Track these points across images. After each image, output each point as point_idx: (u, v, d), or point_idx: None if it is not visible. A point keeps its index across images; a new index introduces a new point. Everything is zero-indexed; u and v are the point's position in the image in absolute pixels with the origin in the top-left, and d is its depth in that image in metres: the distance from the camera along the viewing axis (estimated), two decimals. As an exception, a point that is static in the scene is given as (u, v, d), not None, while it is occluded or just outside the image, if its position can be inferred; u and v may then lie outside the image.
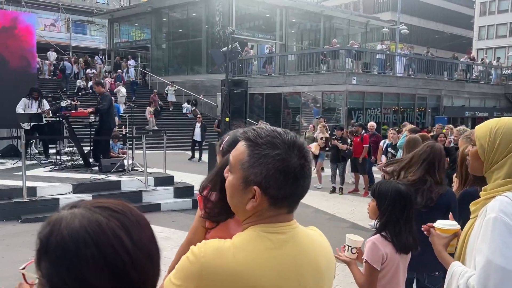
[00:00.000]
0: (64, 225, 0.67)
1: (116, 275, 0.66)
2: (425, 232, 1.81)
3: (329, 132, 11.17)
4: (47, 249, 0.68)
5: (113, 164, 9.34)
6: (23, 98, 10.72)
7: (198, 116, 17.11)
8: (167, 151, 10.26)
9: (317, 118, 16.58)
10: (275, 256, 1.02)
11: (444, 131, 8.72)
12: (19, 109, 10.60)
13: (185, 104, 22.19)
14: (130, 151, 10.49)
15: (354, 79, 17.82)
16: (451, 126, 9.39)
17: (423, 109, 21.15)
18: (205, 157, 13.68)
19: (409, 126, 8.13)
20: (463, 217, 1.92)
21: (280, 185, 1.01)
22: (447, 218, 1.89)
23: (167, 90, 22.60)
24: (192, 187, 8.92)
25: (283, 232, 1.05)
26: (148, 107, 18.85)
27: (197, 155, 14.66)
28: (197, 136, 14.59)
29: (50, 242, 0.67)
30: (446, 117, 20.69)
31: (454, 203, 2.55)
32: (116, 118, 16.16)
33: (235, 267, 0.98)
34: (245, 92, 8.78)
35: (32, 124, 10.38)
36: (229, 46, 15.95)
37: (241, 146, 1.07)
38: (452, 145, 7.30)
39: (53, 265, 0.66)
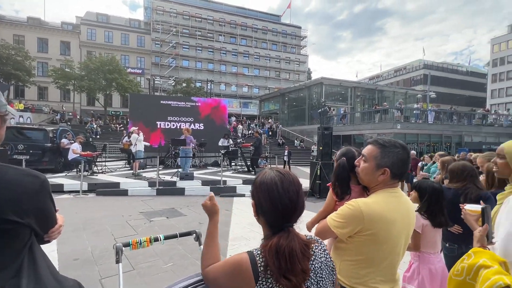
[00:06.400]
0: (262, 174, 0.83)
1: (270, 200, 0.76)
2: (462, 209, 1.39)
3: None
4: (255, 182, 0.83)
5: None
6: (221, 138, 11.61)
7: (286, 146, 17.95)
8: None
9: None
10: (398, 204, 1.06)
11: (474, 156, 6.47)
12: (219, 143, 11.51)
13: (296, 141, 23.86)
14: (268, 165, 11.20)
15: (398, 125, 17.75)
16: (471, 153, 7.75)
17: (449, 144, 19.58)
18: (303, 169, 13.89)
19: (439, 153, 6.40)
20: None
21: (399, 167, 1.07)
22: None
23: (296, 139, 23.90)
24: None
25: (397, 192, 1.09)
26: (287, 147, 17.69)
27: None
28: (285, 157, 14.76)
29: (256, 179, 0.83)
30: (467, 148, 18.78)
31: (491, 200, 1.76)
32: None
33: (381, 211, 1.01)
34: (331, 133, 8.57)
35: (225, 150, 11.12)
36: (321, 109, 18.91)
37: (373, 147, 1.11)
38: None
39: (255, 188, 0.81)
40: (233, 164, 12.07)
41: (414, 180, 7.98)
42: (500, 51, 42.80)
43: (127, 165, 11.50)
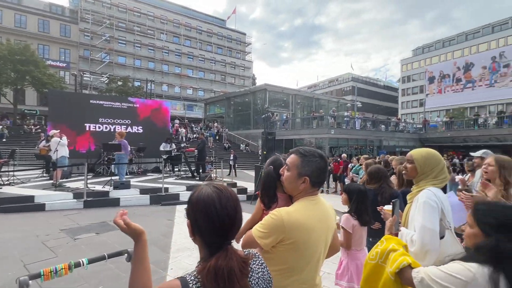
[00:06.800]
0: (198, 191, 0.78)
1: (208, 218, 0.73)
2: (381, 211, 1.68)
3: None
4: (190, 199, 0.78)
5: (206, 176, 9.07)
6: (163, 143, 11.10)
7: (232, 150, 18.01)
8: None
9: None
10: (315, 211, 1.09)
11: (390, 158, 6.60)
12: (161, 147, 10.95)
13: (242, 145, 24.09)
14: (214, 170, 10.54)
15: (332, 131, 19.34)
16: (388, 155, 7.92)
17: (372, 147, 22.15)
18: (249, 172, 13.76)
19: (364, 156, 7.10)
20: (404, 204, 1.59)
21: (318, 176, 1.11)
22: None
23: (242, 143, 24.05)
24: (246, 188, 8.61)
25: (316, 199, 1.12)
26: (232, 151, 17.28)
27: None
28: (231, 161, 14.65)
29: (192, 197, 0.78)
30: (385, 151, 21.00)
31: (399, 197, 1.93)
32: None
33: (301, 219, 1.03)
34: (274, 138, 8.78)
35: (167, 155, 10.52)
36: (265, 115, 19.63)
37: (295, 156, 1.14)
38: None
39: (190, 207, 0.76)
40: (176, 169, 11.43)
41: (346, 180, 8.79)
42: (407, 70, 52.02)
43: (45, 174, 9.76)
